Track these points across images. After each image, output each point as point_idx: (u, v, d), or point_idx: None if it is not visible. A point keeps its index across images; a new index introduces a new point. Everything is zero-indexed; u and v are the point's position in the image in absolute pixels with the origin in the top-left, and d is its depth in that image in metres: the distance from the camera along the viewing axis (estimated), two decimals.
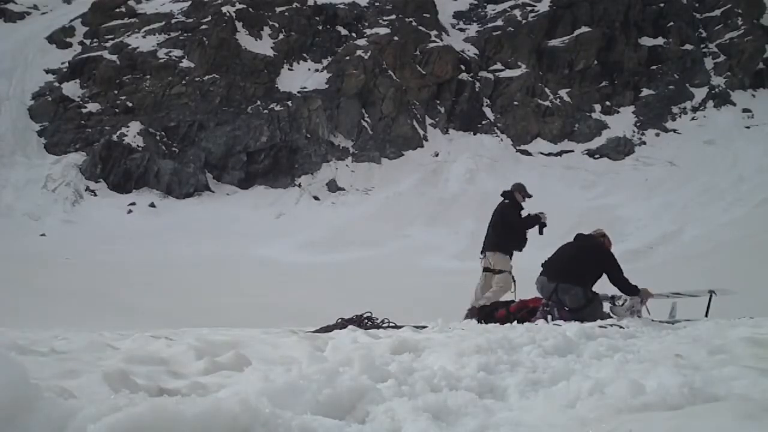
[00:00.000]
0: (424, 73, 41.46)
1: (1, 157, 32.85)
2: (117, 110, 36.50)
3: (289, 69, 40.43)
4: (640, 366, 2.70)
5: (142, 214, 31.73)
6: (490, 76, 42.96)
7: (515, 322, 6.84)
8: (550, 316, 7.02)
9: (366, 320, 6.81)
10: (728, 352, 3.26)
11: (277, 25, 41.53)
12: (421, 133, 40.20)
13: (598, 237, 7.89)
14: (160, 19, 40.80)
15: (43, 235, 27.74)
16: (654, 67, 44.02)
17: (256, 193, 35.38)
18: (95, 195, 32.72)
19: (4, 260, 19.91)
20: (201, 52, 38.39)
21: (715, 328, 5.34)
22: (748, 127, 40.01)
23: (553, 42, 43.83)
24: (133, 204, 32.45)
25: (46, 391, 1.65)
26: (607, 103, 42.95)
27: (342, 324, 6.52)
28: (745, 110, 41.40)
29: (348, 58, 40.41)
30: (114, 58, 38.46)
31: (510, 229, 8.59)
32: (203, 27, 39.33)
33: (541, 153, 40.35)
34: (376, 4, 43.67)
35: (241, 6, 40.52)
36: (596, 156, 40.05)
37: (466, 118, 41.42)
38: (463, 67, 42.49)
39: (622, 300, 8.49)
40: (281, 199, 34.84)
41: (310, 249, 27.39)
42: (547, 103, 42.21)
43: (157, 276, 20.00)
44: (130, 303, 15.14)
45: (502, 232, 8.60)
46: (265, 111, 37.69)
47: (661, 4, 45.54)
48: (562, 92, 42.89)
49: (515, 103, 42.08)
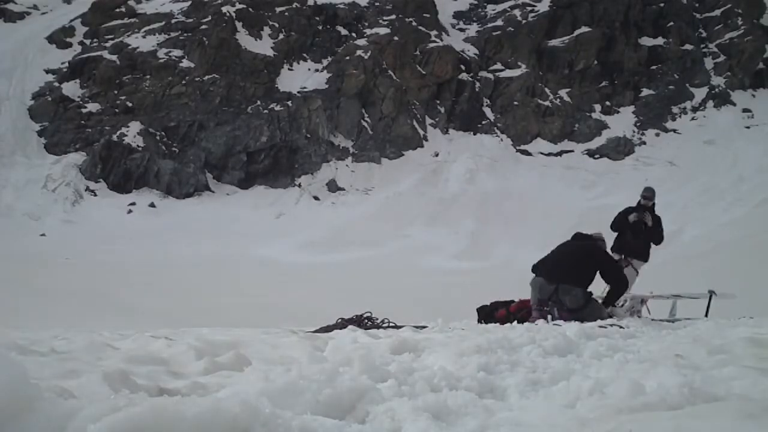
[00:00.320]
0: (424, 73, 41.47)
1: (1, 157, 32.85)
2: (117, 110, 36.50)
3: (289, 69, 40.44)
4: (640, 366, 2.70)
5: (142, 214, 31.73)
6: (490, 76, 42.97)
7: (515, 322, 6.84)
8: (550, 316, 7.01)
9: (366, 320, 6.81)
10: (728, 352, 3.25)
11: (277, 25, 41.53)
12: (421, 133, 40.20)
13: (597, 240, 7.84)
14: (160, 19, 40.80)
15: (43, 235, 27.74)
16: (654, 67, 44.02)
17: (256, 193, 35.37)
18: (95, 195, 32.73)
19: (4, 260, 19.91)
20: (201, 52, 38.39)
21: (715, 328, 5.34)
22: (748, 127, 40.01)
23: (553, 42, 43.84)
24: (133, 204, 32.46)
25: (46, 391, 1.65)
26: (607, 103, 42.95)
27: (342, 324, 6.52)
28: (745, 110, 41.40)
29: (348, 58, 40.41)
30: (114, 58, 38.47)
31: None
32: (203, 27, 39.33)
33: (541, 153, 40.36)
34: (376, 4, 43.67)
35: (241, 6, 40.52)
36: (596, 156, 40.06)
37: (466, 118, 41.42)
38: (463, 67, 42.50)
39: (622, 300, 8.52)
40: (281, 199, 34.84)
41: (310, 249, 27.39)
42: (547, 103, 42.21)
43: (157, 276, 20.00)
44: (130, 303, 15.14)
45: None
46: (265, 111, 37.69)
47: (661, 4, 45.54)
48: (562, 92, 42.90)
49: (515, 103, 42.08)
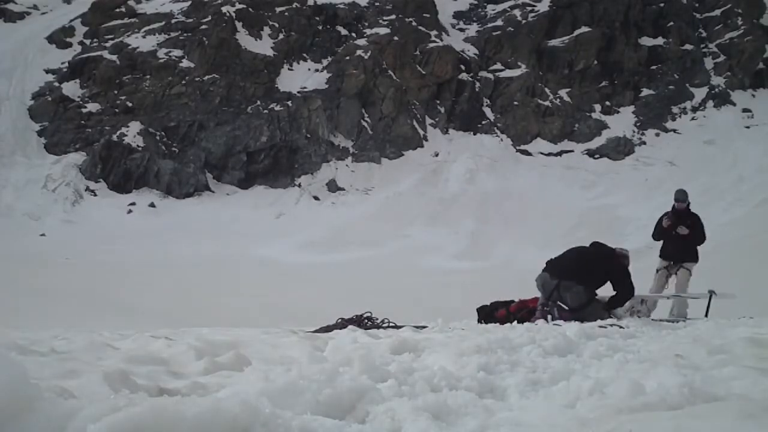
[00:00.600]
0: (424, 73, 41.45)
1: (1, 157, 32.84)
2: (117, 110, 36.49)
3: (289, 69, 40.43)
4: (640, 366, 2.70)
5: (142, 214, 31.72)
6: (490, 76, 42.95)
7: (515, 322, 6.84)
8: (550, 316, 7.01)
9: (366, 320, 6.81)
10: (728, 352, 3.26)
11: (277, 25, 41.52)
12: (421, 133, 40.19)
13: (620, 254, 7.82)
14: (160, 19, 40.79)
15: (43, 235, 27.74)
16: (654, 67, 44.00)
17: (256, 193, 35.36)
18: (95, 195, 32.72)
19: (4, 260, 19.90)
20: (201, 52, 38.38)
21: (715, 328, 5.34)
22: (748, 127, 39.99)
23: (553, 42, 43.82)
24: (133, 204, 32.45)
25: (46, 391, 1.65)
26: (607, 103, 42.93)
27: (342, 324, 6.52)
28: (745, 110, 41.38)
29: (348, 58, 40.40)
30: (114, 58, 38.45)
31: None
32: (203, 27, 39.31)
33: (541, 153, 40.34)
34: (376, 4, 43.66)
35: (241, 6, 40.51)
36: (596, 156, 40.04)
37: (466, 118, 41.41)
38: (463, 67, 42.48)
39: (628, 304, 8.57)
40: (281, 199, 34.83)
41: (310, 249, 27.38)
42: (547, 103, 42.20)
43: (157, 276, 19.99)
44: (130, 303, 15.14)
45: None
46: (265, 111, 37.68)
47: (661, 4, 45.52)
48: (562, 92, 42.88)
49: (515, 103, 42.07)
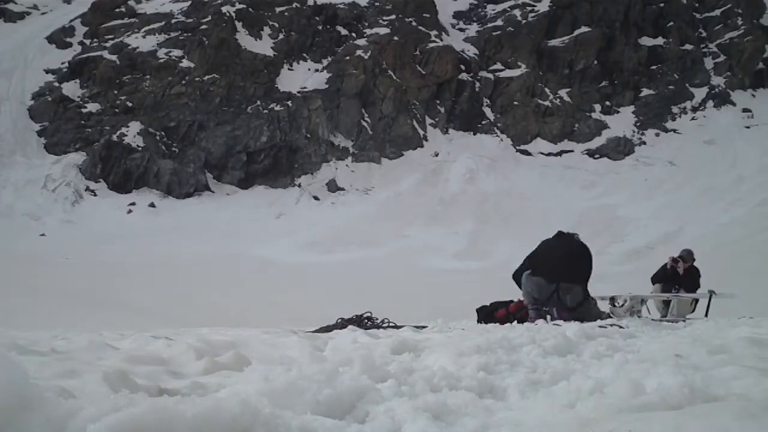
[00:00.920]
0: (424, 73, 41.46)
1: (1, 157, 32.84)
2: (117, 110, 36.49)
3: (289, 69, 40.43)
4: (640, 366, 2.70)
5: (142, 214, 31.72)
6: (490, 76, 42.96)
7: (515, 322, 6.84)
8: (549, 316, 7.02)
9: (366, 320, 6.80)
10: (728, 352, 3.25)
11: (277, 25, 41.52)
12: (421, 133, 40.19)
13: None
14: (160, 19, 40.79)
15: (43, 235, 27.73)
16: (654, 67, 44.01)
17: (256, 193, 35.37)
18: (95, 195, 32.72)
19: (4, 260, 19.90)
20: (201, 52, 38.38)
21: (715, 328, 5.35)
22: (748, 127, 40.00)
23: (553, 42, 43.83)
24: (133, 204, 32.45)
25: (46, 391, 1.65)
26: (607, 103, 42.95)
27: (342, 324, 6.52)
28: (745, 110, 41.39)
29: (348, 58, 40.40)
30: (114, 58, 38.45)
31: None
32: (203, 27, 39.32)
33: (541, 153, 40.35)
34: (376, 4, 43.66)
35: (241, 6, 40.51)
36: (596, 156, 40.05)
37: (466, 118, 41.41)
38: (463, 67, 42.49)
39: (622, 300, 8.55)
40: (281, 199, 34.83)
41: (310, 249, 27.38)
42: (547, 103, 42.21)
43: (157, 276, 19.99)
44: (130, 303, 15.15)
45: None
46: (265, 111, 37.68)
47: (661, 4, 45.53)
48: (562, 92, 42.89)
49: (515, 103, 42.08)
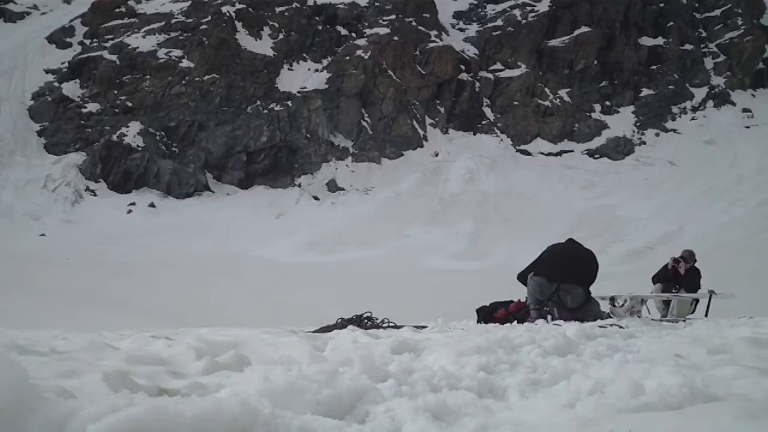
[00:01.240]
0: (424, 73, 41.46)
1: (1, 157, 32.84)
2: (117, 110, 36.49)
3: (289, 69, 40.44)
4: (640, 366, 2.70)
5: (142, 214, 31.72)
6: (490, 76, 42.96)
7: (515, 322, 6.85)
8: (550, 316, 7.03)
9: (366, 320, 6.80)
10: (728, 352, 3.25)
11: (277, 25, 41.52)
12: (421, 133, 40.19)
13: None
14: (160, 19, 40.80)
15: (43, 235, 27.73)
16: (654, 67, 44.02)
17: (256, 193, 35.37)
18: (95, 195, 32.72)
19: (4, 260, 19.89)
20: (201, 52, 38.38)
21: (715, 328, 5.35)
22: (748, 127, 40.01)
23: (553, 42, 43.83)
24: (133, 204, 32.45)
25: (46, 391, 1.65)
26: (607, 103, 42.95)
27: (342, 324, 6.52)
28: (745, 110, 41.39)
29: (348, 58, 40.41)
30: (114, 58, 38.46)
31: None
32: (203, 27, 39.32)
33: (541, 153, 40.36)
34: (376, 4, 43.67)
35: (241, 6, 40.52)
36: (596, 156, 40.06)
37: (466, 118, 41.42)
38: (463, 67, 42.49)
39: (622, 300, 8.56)
40: (281, 199, 34.83)
41: (310, 249, 27.38)
42: (547, 103, 42.21)
43: (157, 276, 19.99)
44: (130, 303, 15.14)
45: None
46: (265, 111, 37.68)
47: (661, 4, 45.54)
48: (562, 92, 42.89)
49: (515, 103, 42.08)
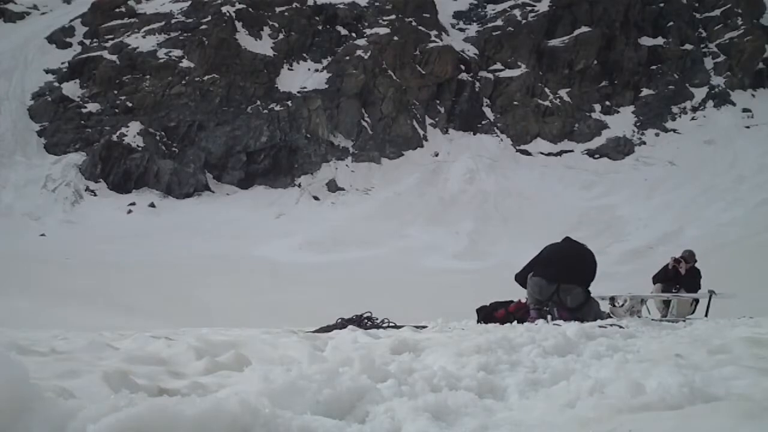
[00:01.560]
0: (424, 73, 41.47)
1: (1, 157, 32.84)
2: (117, 110, 36.50)
3: (289, 69, 40.44)
4: (640, 366, 2.70)
5: (142, 214, 31.72)
6: (490, 76, 42.97)
7: (515, 322, 6.85)
8: (550, 316, 7.03)
9: (366, 320, 6.80)
10: (728, 352, 3.25)
11: (277, 25, 41.52)
12: (421, 133, 40.20)
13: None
14: (160, 19, 40.79)
15: (43, 235, 27.73)
16: (654, 67, 44.02)
17: (256, 193, 35.37)
18: (95, 195, 32.72)
19: (4, 260, 19.90)
20: (201, 52, 38.38)
21: (715, 328, 5.35)
22: (748, 127, 40.01)
23: (553, 42, 43.84)
24: (133, 204, 32.45)
25: (46, 391, 1.65)
26: (607, 103, 42.96)
27: (342, 324, 6.52)
28: (745, 110, 41.40)
29: (348, 58, 40.41)
30: (114, 58, 38.46)
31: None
32: (203, 27, 39.32)
33: (541, 153, 40.36)
34: (376, 4, 43.66)
35: (241, 6, 40.52)
36: (596, 156, 40.06)
37: (466, 118, 41.42)
38: (463, 67, 42.50)
39: (622, 300, 8.56)
40: (281, 199, 34.84)
41: (310, 249, 27.38)
42: (547, 103, 42.22)
43: (157, 276, 19.99)
44: (130, 303, 15.14)
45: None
46: (265, 111, 37.68)
47: (661, 4, 45.55)
48: (562, 92, 42.90)
49: (515, 103, 42.08)
